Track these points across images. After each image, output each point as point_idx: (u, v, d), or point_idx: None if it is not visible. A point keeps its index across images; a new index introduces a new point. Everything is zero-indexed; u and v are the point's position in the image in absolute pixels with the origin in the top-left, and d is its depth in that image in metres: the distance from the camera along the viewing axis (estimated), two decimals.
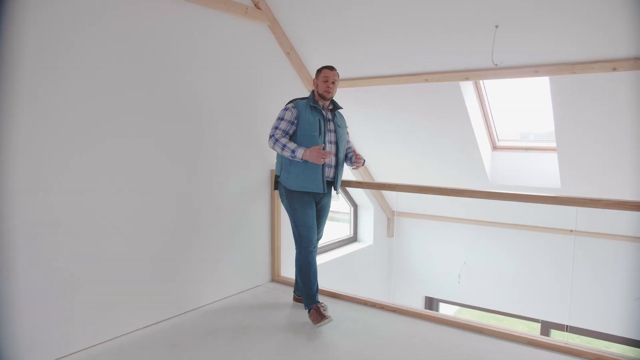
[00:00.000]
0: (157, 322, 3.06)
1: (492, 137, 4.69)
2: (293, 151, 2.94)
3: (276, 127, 3.05)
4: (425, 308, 6.05)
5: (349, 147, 3.40)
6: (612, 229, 4.56)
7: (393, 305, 3.35)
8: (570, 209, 4.23)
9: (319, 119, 3.06)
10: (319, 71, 3.14)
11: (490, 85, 4.27)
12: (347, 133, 3.36)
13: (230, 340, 2.86)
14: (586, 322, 4.99)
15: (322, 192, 3.11)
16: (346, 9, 3.54)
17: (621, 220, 4.38)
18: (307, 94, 4.34)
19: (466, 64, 3.57)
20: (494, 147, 4.77)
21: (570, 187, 4.30)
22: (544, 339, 2.87)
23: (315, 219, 3.19)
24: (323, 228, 3.40)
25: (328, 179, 3.16)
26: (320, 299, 3.54)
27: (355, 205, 5.75)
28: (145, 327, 2.98)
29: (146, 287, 2.99)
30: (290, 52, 4.04)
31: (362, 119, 4.69)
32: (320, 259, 4.87)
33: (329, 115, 3.18)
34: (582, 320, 4.98)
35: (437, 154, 4.76)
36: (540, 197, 2.81)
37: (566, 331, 5.07)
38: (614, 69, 3.07)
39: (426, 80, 3.77)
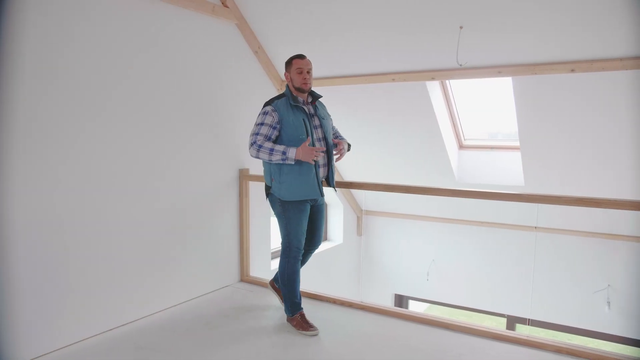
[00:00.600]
0: (123, 325, 3.00)
1: (458, 136, 4.78)
2: (284, 152, 2.70)
3: (256, 134, 2.78)
4: (395, 306, 6.13)
5: (336, 132, 3.19)
6: (573, 225, 4.71)
7: (362, 304, 3.37)
8: (534, 206, 4.38)
9: (303, 119, 2.81)
10: (289, 63, 2.87)
11: (459, 85, 4.35)
12: (331, 120, 3.13)
13: (199, 341, 2.83)
14: (548, 315, 5.14)
15: (320, 196, 2.91)
16: (314, 8, 3.55)
17: (581, 217, 4.53)
18: (275, 93, 4.35)
19: (432, 64, 3.63)
20: (461, 146, 4.86)
21: (533, 184, 4.42)
22: (507, 332, 2.95)
23: (306, 228, 2.98)
24: (322, 232, 3.19)
25: (323, 179, 2.98)
26: None
27: (325, 205, 5.76)
28: (111, 329, 2.92)
29: (111, 288, 2.92)
30: (259, 50, 4.02)
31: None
32: None
33: (312, 110, 2.93)
34: (545, 313, 5.13)
35: (405, 153, 4.82)
36: (503, 195, 2.88)
37: (528, 324, 5.22)
38: (572, 70, 3.17)
39: (393, 80, 3.81)
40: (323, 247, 5.49)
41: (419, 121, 4.29)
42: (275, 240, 4.65)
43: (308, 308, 3.31)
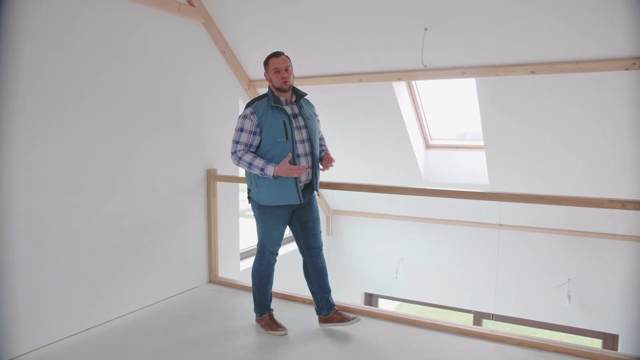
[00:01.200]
0: (88, 329, 2.94)
1: (425, 136, 4.85)
2: (262, 169, 2.62)
3: (236, 142, 2.69)
4: (365, 304, 6.17)
5: (322, 141, 3.03)
6: (535, 222, 4.85)
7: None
8: (498, 204, 4.50)
9: (284, 120, 2.67)
10: (266, 63, 2.76)
11: (427, 86, 4.41)
12: (319, 121, 2.96)
13: (166, 344, 2.79)
14: (513, 310, 5.28)
15: (299, 202, 2.75)
16: (281, 8, 3.56)
17: (543, 214, 4.67)
18: (242, 93, 4.33)
19: (398, 64, 3.68)
20: (427, 146, 4.94)
21: (498, 183, 4.53)
22: (472, 328, 3.02)
23: (283, 234, 2.90)
24: (320, 233, 3.00)
25: (306, 183, 2.83)
26: None
27: None
28: (74, 334, 2.86)
29: (74, 292, 2.85)
30: (226, 50, 3.99)
31: None
32: None
33: (295, 109, 2.77)
34: (509, 308, 5.26)
35: (373, 153, 4.87)
36: (468, 193, 2.94)
37: (492, 319, 5.35)
38: (533, 72, 3.27)
39: (360, 80, 3.85)
40: (292, 247, 5.48)
41: (386, 121, 4.34)
42: (245, 241, 4.64)
43: (278, 308, 3.31)
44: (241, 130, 2.69)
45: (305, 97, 2.89)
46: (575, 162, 4.03)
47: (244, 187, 6.79)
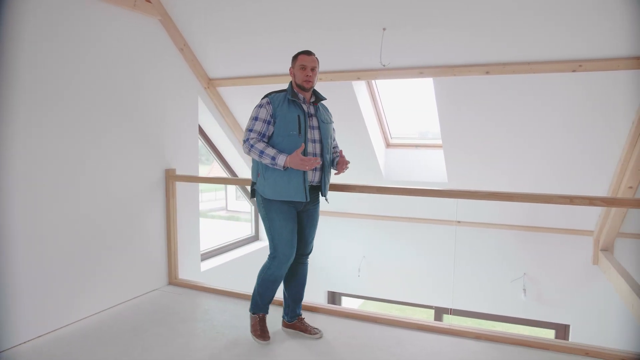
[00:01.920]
0: (41, 335, 2.83)
1: (385, 135, 4.91)
2: (273, 158, 2.52)
3: (250, 130, 2.60)
4: (328, 302, 6.20)
5: (335, 146, 2.93)
6: (493, 218, 4.99)
7: None
8: (456, 201, 4.60)
9: (298, 115, 2.60)
10: (295, 58, 2.70)
11: (389, 85, 4.46)
12: (334, 129, 2.88)
13: (124, 349, 2.72)
14: (473, 305, 5.42)
15: (305, 200, 2.64)
16: (240, 5, 3.51)
17: (499, 211, 4.81)
18: (202, 92, 4.27)
19: (358, 64, 3.71)
20: (388, 145, 5.00)
21: (456, 181, 4.64)
22: (431, 323, 3.08)
23: (295, 233, 2.73)
24: (312, 240, 2.96)
25: (313, 184, 2.72)
26: (218, 299, 3.52)
27: (255, 204, 5.72)
28: (27, 341, 2.75)
29: (28, 297, 2.74)
30: (184, 48, 3.92)
31: None
32: (221, 260, 4.82)
33: (311, 110, 2.71)
34: (469, 303, 5.40)
35: None
36: (425, 191, 2.99)
37: (450, 314, 5.47)
38: (487, 72, 3.37)
39: (319, 79, 3.83)
40: (255, 247, 5.46)
41: (347, 120, 4.36)
42: (205, 242, 4.58)
43: (238, 309, 3.29)
44: (255, 119, 2.62)
45: (324, 102, 2.82)
46: (530, 160, 4.17)
47: (204, 186, 6.69)
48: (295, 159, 2.50)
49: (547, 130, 3.81)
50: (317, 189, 2.80)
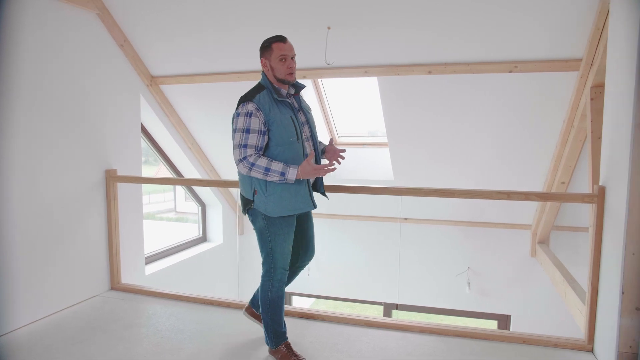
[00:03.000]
0: None
1: (332, 133, 4.94)
2: (282, 174, 2.21)
3: (244, 146, 2.23)
4: None
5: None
6: (438, 214, 5.13)
7: (240, 303, 3.35)
8: (402, 198, 4.69)
9: (291, 117, 2.30)
10: (268, 47, 2.31)
11: (339, 84, 4.48)
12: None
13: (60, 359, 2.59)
14: (420, 299, 5.55)
15: (313, 208, 2.45)
16: (183, 1, 3.43)
17: (443, 207, 4.95)
18: (145, 90, 4.14)
19: (303, 62, 3.67)
20: (335, 143, 5.02)
21: (402, 179, 4.73)
22: (378, 319, 3.13)
23: (292, 245, 2.51)
24: (314, 242, 2.75)
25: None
26: (163, 303, 3.42)
27: (203, 205, 5.62)
28: None
29: None
30: (124, 44, 3.79)
31: (204, 115, 4.60)
32: (167, 262, 4.70)
33: (296, 104, 2.41)
34: (416, 298, 5.53)
35: None
36: (371, 189, 3.04)
37: (396, 309, 5.59)
38: (430, 72, 3.45)
39: None
40: (202, 248, 5.36)
41: None
42: (150, 244, 4.45)
43: (182, 312, 3.22)
44: (247, 131, 2.22)
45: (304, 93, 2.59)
46: (471, 157, 4.32)
47: (148, 187, 6.46)
48: (307, 168, 2.23)
49: (486, 129, 3.96)
50: (313, 189, 2.59)
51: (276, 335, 2.52)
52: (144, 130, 4.63)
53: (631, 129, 2.21)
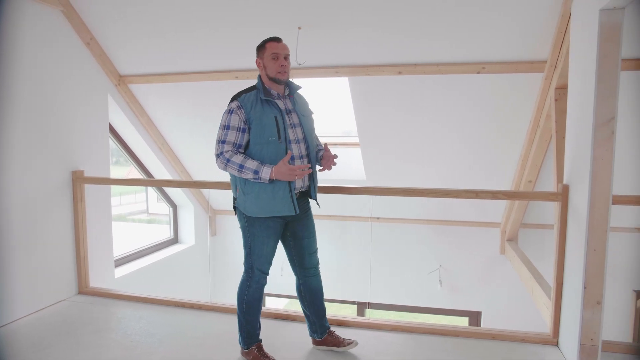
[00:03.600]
0: None
1: None
2: (256, 172, 2.21)
3: (223, 141, 2.27)
4: None
5: (316, 138, 2.60)
6: (411, 214, 5.19)
7: (211, 305, 3.32)
8: (374, 198, 4.72)
9: (275, 116, 2.28)
10: (262, 47, 2.35)
11: (313, 84, 4.45)
12: (313, 120, 2.55)
13: None
14: (394, 298, 5.60)
15: (294, 213, 2.36)
16: (152, 1, 3.38)
17: (415, 207, 5.01)
18: (113, 89, 4.06)
19: None
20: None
21: (374, 178, 4.77)
22: (351, 318, 3.16)
23: (275, 249, 2.49)
24: (316, 251, 2.75)
25: (302, 190, 2.45)
26: (133, 306, 3.37)
27: (174, 206, 5.54)
28: None
29: None
30: (91, 42, 3.70)
31: (175, 115, 4.54)
32: (137, 265, 4.63)
33: (289, 105, 2.38)
34: (390, 296, 5.58)
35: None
36: (342, 188, 3.06)
37: (368, 307, 5.63)
38: (400, 73, 3.49)
39: (236, 77, 3.81)
40: (174, 250, 5.29)
41: None
42: (119, 247, 4.37)
43: (154, 315, 3.18)
44: (227, 127, 2.28)
45: (299, 91, 2.52)
46: (442, 157, 4.38)
47: (119, 189, 6.34)
48: (282, 169, 2.20)
49: (456, 129, 4.02)
50: (306, 194, 2.52)
51: (249, 336, 2.53)
52: (113, 131, 4.54)
53: (592, 129, 2.28)
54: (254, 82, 3.78)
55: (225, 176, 5.14)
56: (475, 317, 5.52)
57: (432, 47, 3.36)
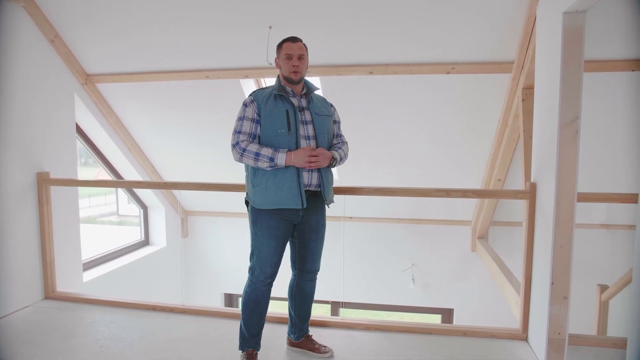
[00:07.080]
0: None
1: None
2: (271, 159, 2.22)
3: (238, 132, 2.30)
4: (225, 305, 6.09)
5: (338, 143, 2.55)
6: (383, 213, 5.23)
7: (183, 307, 3.27)
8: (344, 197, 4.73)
9: (287, 110, 2.30)
10: (279, 47, 2.38)
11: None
12: (336, 122, 2.55)
13: None
14: (368, 297, 5.63)
15: (301, 207, 2.31)
16: None
17: (388, 206, 5.04)
18: (79, 89, 3.97)
19: (245, 61, 3.66)
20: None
21: (346, 178, 4.77)
22: (324, 318, 3.16)
23: (281, 252, 2.47)
24: (320, 256, 2.73)
25: (311, 189, 2.36)
26: (102, 310, 3.30)
27: (144, 207, 5.44)
28: None
29: None
30: (55, 40, 3.60)
31: (144, 115, 4.46)
32: (107, 268, 4.53)
33: (303, 102, 2.39)
34: (364, 295, 5.60)
35: (221, 151, 4.78)
36: None
37: (342, 307, 5.65)
38: (371, 73, 3.51)
39: (207, 77, 3.76)
40: (145, 252, 5.19)
41: (234, 119, 4.30)
42: (87, 250, 4.27)
43: (124, 319, 3.11)
44: (242, 118, 2.32)
45: (321, 95, 2.50)
46: (413, 156, 4.42)
47: (85, 191, 6.21)
48: (300, 153, 2.23)
49: (427, 128, 4.07)
50: (316, 195, 2.43)
51: (242, 338, 2.51)
52: (81, 132, 4.43)
53: (557, 129, 2.34)
54: (225, 81, 3.84)
55: (195, 176, 5.09)
56: (447, 314, 5.60)
57: (402, 47, 3.39)
